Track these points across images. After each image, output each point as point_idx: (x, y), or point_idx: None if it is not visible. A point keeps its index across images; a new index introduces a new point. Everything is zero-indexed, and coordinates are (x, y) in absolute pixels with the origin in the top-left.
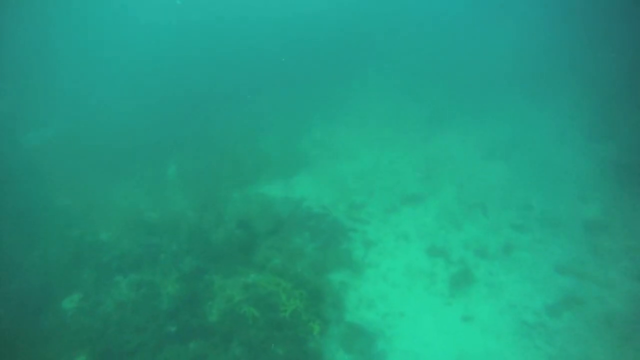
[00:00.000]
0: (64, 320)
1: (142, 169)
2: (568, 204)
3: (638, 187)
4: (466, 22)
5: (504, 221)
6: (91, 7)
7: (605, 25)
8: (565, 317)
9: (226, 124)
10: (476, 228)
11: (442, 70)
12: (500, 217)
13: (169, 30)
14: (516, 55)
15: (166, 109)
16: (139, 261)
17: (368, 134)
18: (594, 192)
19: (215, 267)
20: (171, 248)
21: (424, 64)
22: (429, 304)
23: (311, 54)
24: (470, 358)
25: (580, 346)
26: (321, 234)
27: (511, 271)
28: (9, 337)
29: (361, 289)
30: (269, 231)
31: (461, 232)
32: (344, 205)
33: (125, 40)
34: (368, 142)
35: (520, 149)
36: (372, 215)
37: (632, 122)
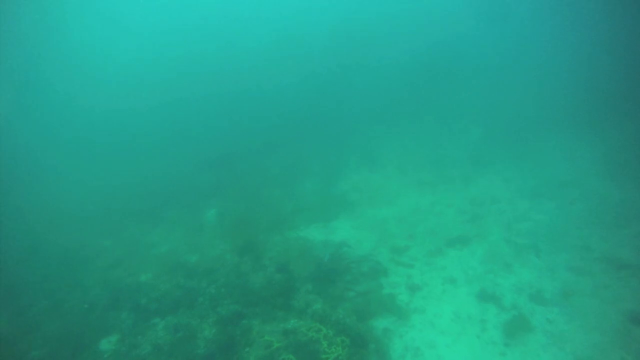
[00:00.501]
0: None
1: (182, 213)
2: (632, 243)
3: None
4: (499, 63)
5: (559, 263)
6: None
7: None
8: None
9: (265, 169)
10: (528, 271)
11: (478, 112)
12: (554, 259)
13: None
14: (553, 91)
15: (205, 155)
16: (177, 304)
17: (407, 177)
18: None
19: (253, 312)
20: (209, 291)
21: (460, 107)
22: (481, 353)
23: (348, 98)
24: None
25: None
26: (363, 278)
27: (573, 319)
28: None
29: (407, 336)
30: (309, 275)
31: (512, 275)
32: (385, 248)
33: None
34: (407, 186)
35: (569, 187)
36: (415, 258)
37: None
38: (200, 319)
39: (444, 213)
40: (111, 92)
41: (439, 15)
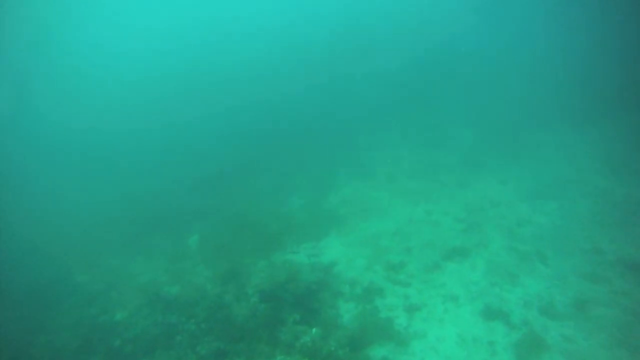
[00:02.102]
0: None
1: (163, 240)
2: None
3: None
4: (489, 63)
5: (569, 270)
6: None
7: None
8: None
9: (251, 187)
10: (536, 281)
11: (469, 113)
12: (563, 265)
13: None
14: (547, 88)
15: (189, 175)
16: (153, 344)
17: (398, 186)
18: None
19: (236, 349)
20: (189, 327)
21: (449, 109)
22: None
23: (336, 108)
24: None
25: None
26: (356, 301)
27: (592, 334)
28: None
29: None
30: (296, 303)
31: (518, 287)
32: (380, 266)
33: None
34: (399, 195)
35: (570, 186)
36: (412, 275)
37: None
38: None
39: (440, 222)
40: (86, 108)
41: (428, 17)
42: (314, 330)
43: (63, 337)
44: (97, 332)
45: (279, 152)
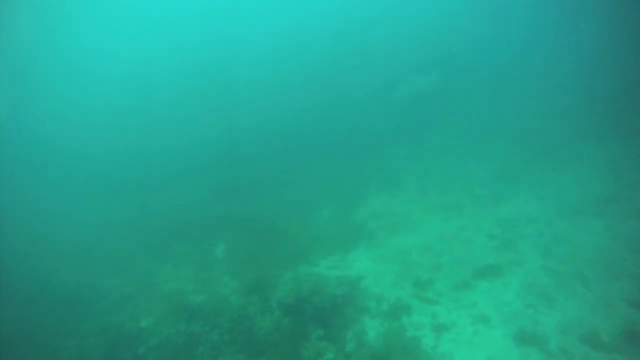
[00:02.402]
0: None
1: (191, 247)
2: None
3: None
4: (525, 70)
5: (615, 296)
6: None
7: None
8: None
9: (280, 197)
10: (577, 306)
11: (502, 123)
12: (609, 290)
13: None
14: (590, 96)
15: (218, 183)
16: (176, 353)
17: (430, 200)
18: None
19: None
20: (212, 338)
21: (482, 119)
22: None
23: (365, 118)
24: None
25: None
26: (382, 318)
27: None
28: None
29: None
30: (321, 318)
31: (556, 311)
32: (408, 282)
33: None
34: (431, 209)
35: (615, 203)
36: (441, 293)
37: None
38: None
39: (472, 238)
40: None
41: (454, 21)
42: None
43: (91, 341)
44: (123, 338)
45: (310, 163)
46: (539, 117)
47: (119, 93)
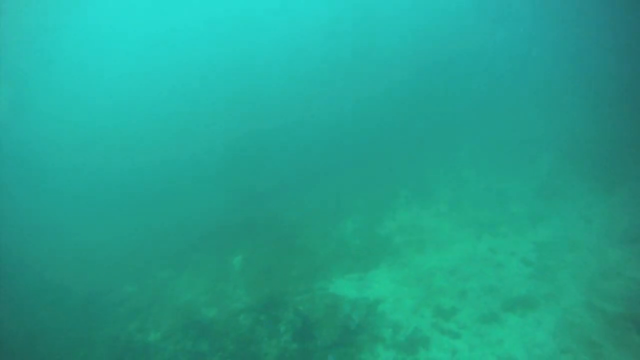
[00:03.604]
0: None
1: (209, 256)
2: None
3: None
4: (575, 74)
5: None
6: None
7: None
8: None
9: (302, 206)
10: (626, 356)
11: (547, 132)
12: None
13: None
14: None
15: (237, 192)
16: None
17: (461, 215)
18: None
19: None
20: None
21: (524, 127)
22: None
23: (399, 123)
24: None
25: None
26: (397, 350)
27: None
28: None
29: None
30: (331, 345)
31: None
32: (429, 309)
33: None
34: (462, 226)
35: None
36: (464, 326)
37: None
38: None
39: (505, 263)
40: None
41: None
42: None
43: (99, 353)
44: (130, 351)
45: (337, 168)
46: (590, 129)
47: (135, 99)
